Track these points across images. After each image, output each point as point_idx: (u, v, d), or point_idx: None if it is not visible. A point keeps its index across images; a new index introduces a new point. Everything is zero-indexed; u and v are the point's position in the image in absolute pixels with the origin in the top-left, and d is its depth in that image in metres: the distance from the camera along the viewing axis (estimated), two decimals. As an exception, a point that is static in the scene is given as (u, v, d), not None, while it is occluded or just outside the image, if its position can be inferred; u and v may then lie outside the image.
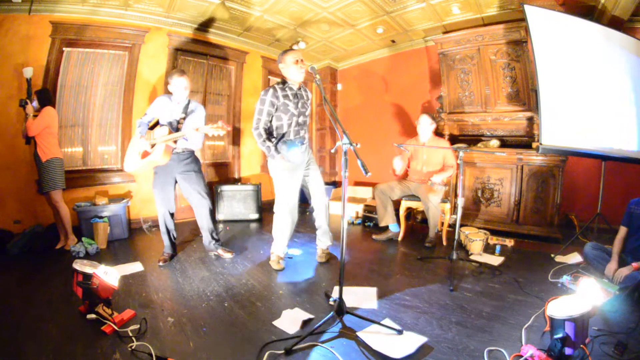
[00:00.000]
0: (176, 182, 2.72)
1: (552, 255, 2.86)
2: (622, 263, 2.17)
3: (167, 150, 2.50)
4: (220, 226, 3.97)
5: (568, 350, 1.37)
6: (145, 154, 2.55)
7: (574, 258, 2.75)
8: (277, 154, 2.44)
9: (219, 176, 4.75)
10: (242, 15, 4.02)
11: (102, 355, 1.49)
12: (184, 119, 2.64)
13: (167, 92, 2.72)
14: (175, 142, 2.56)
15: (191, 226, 3.86)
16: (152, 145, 2.53)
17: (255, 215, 4.29)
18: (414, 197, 3.30)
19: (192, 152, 2.75)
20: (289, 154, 2.39)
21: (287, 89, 2.51)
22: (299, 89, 2.58)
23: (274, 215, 2.65)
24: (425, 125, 3.26)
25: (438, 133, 4.09)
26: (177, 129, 2.60)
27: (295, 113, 2.52)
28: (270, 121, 2.50)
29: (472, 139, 4.03)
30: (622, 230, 2.29)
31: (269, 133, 2.51)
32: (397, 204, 3.37)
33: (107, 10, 3.54)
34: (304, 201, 2.82)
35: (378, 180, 3.55)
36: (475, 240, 2.96)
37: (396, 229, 3.37)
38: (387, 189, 3.30)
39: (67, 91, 3.51)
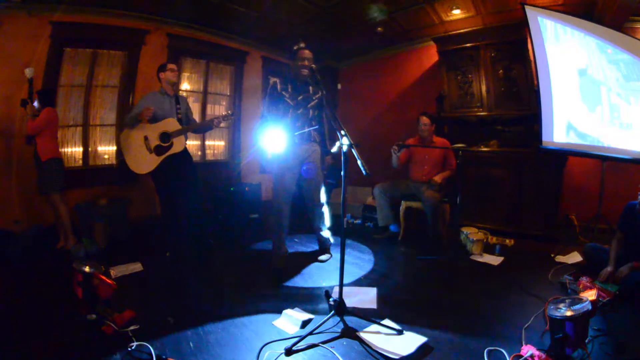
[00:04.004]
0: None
1: (552, 255, 2.85)
2: (620, 265, 2.15)
3: (184, 139, 2.77)
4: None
5: (568, 350, 1.37)
6: (160, 149, 2.62)
7: (574, 258, 2.75)
8: (268, 115, 2.50)
9: (219, 176, 4.75)
10: (242, 15, 4.02)
11: (102, 355, 1.49)
12: (179, 109, 2.79)
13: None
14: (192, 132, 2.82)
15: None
16: (169, 138, 2.68)
17: (255, 215, 4.28)
18: (414, 196, 3.29)
19: (186, 148, 2.89)
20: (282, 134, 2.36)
21: (288, 81, 2.55)
22: (304, 82, 2.57)
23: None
24: (425, 125, 3.26)
25: (438, 133, 4.09)
26: (179, 120, 2.76)
27: (291, 104, 2.51)
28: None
29: (472, 139, 4.03)
30: (619, 234, 2.27)
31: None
32: (397, 204, 3.36)
33: (107, 10, 3.54)
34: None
35: (378, 180, 3.54)
36: (475, 240, 2.95)
37: (396, 229, 3.37)
38: (387, 188, 3.29)
39: (67, 91, 3.51)
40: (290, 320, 1.80)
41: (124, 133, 2.71)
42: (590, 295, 1.57)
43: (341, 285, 1.78)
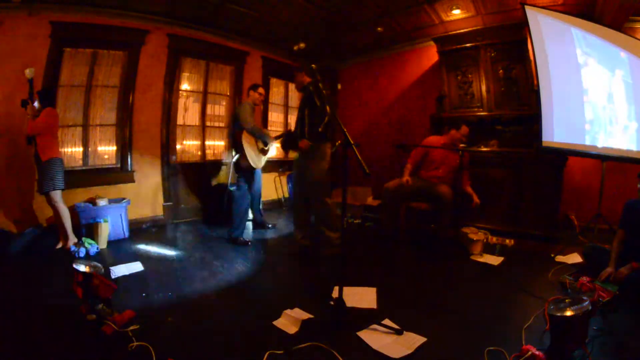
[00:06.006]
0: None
1: (552, 255, 2.85)
2: (621, 265, 2.15)
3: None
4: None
5: (568, 350, 1.37)
6: (264, 151, 3.36)
7: (574, 258, 2.75)
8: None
9: (220, 176, 4.75)
10: (242, 16, 4.02)
11: (103, 355, 1.49)
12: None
13: (243, 99, 3.26)
14: None
15: (195, 226, 3.88)
16: (267, 143, 3.36)
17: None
18: (421, 196, 3.21)
19: None
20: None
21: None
22: (304, 89, 2.84)
23: None
24: (465, 137, 3.28)
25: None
26: None
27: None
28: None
29: (472, 139, 4.02)
30: (620, 233, 2.27)
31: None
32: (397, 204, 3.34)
33: (107, 10, 3.54)
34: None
35: (378, 180, 3.54)
36: (475, 240, 2.95)
37: (396, 229, 3.27)
38: (397, 190, 3.15)
39: (67, 91, 3.51)
40: (290, 320, 1.79)
41: (245, 135, 3.20)
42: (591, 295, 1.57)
43: (341, 285, 1.78)
